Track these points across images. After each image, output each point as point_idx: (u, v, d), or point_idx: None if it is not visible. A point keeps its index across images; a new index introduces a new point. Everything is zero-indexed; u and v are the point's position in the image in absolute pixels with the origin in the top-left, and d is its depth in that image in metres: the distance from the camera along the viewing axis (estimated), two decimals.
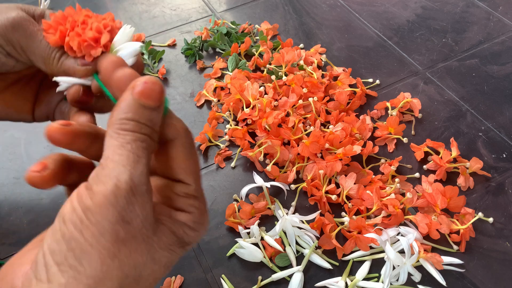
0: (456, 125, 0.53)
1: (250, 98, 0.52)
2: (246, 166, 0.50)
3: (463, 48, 0.63)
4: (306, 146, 0.47)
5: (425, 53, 0.62)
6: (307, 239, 0.43)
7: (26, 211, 0.47)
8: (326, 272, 0.42)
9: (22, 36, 0.32)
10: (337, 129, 0.49)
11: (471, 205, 0.46)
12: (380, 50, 0.63)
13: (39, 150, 0.52)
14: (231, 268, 0.42)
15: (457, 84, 0.58)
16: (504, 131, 0.52)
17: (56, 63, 0.33)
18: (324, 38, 0.65)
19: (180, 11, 0.72)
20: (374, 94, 0.57)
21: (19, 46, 0.33)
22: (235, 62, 0.59)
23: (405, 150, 0.51)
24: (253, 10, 0.71)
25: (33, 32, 0.32)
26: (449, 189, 0.43)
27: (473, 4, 0.70)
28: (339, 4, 0.71)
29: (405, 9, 0.70)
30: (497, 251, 0.43)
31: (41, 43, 0.32)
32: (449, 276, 0.41)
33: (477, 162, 0.47)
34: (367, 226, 0.42)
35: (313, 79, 0.54)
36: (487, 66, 0.60)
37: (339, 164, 0.46)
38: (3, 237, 0.45)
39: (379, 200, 0.43)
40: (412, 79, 0.59)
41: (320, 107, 0.52)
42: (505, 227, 0.44)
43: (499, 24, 0.66)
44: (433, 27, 0.66)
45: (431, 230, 0.43)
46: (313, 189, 0.45)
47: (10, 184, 0.49)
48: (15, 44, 0.32)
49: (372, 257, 0.42)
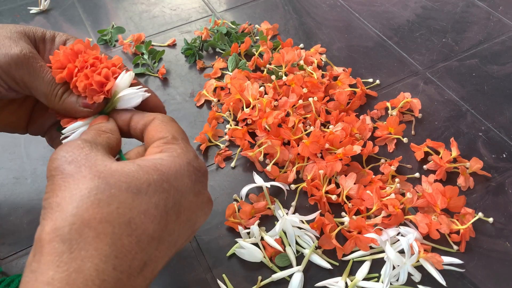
0: (456, 125, 0.53)
1: (250, 98, 0.52)
2: (246, 166, 0.50)
3: (463, 48, 0.63)
4: (306, 146, 0.47)
5: (425, 53, 0.62)
6: (307, 239, 0.43)
7: (26, 211, 0.47)
8: (326, 272, 0.42)
9: (26, 73, 0.33)
10: (337, 129, 0.49)
11: (471, 205, 0.46)
12: (380, 50, 0.63)
13: (39, 150, 0.52)
14: (231, 268, 0.42)
15: (457, 84, 0.58)
16: (504, 131, 0.52)
17: (58, 100, 0.34)
18: (324, 38, 0.65)
19: (180, 11, 0.72)
20: (374, 94, 0.57)
21: (22, 82, 0.33)
22: (235, 62, 0.59)
23: (405, 150, 0.51)
24: (253, 10, 0.71)
25: (37, 69, 0.33)
26: (449, 189, 0.43)
27: (473, 4, 0.70)
28: (339, 4, 0.71)
29: (405, 9, 0.70)
30: (497, 251, 0.43)
31: (43, 80, 0.33)
32: (449, 276, 0.41)
33: (477, 162, 0.47)
34: (367, 226, 0.42)
35: (313, 79, 0.54)
36: (487, 66, 0.60)
37: (339, 164, 0.46)
38: (3, 237, 0.45)
39: (379, 200, 0.43)
40: (412, 79, 0.59)
41: (320, 107, 0.52)
42: (505, 227, 0.44)
43: (499, 24, 0.66)
44: (433, 27, 0.66)
45: (431, 230, 0.42)
46: (313, 189, 0.45)
47: (10, 184, 0.49)
48: (18, 80, 0.33)
49: (372, 257, 0.42)
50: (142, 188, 0.26)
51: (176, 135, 0.31)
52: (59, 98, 0.33)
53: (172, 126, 0.31)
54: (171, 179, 0.27)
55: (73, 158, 0.27)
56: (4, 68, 0.32)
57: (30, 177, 0.50)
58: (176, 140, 0.30)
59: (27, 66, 0.32)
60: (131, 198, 0.25)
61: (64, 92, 0.34)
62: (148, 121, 0.32)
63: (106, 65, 0.34)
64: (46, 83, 0.33)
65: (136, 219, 0.25)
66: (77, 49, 0.34)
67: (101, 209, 0.25)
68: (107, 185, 0.25)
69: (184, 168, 0.28)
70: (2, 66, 0.32)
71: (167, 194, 0.27)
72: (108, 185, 0.25)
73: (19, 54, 0.32)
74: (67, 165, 0.26)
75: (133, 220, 0.25)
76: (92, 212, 0.24)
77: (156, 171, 0.27)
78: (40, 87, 0.33)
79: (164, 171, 0.27)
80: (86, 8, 0.74)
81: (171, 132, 0.31)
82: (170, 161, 0.28)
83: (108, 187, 0.25)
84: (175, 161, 0.28)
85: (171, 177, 0.27)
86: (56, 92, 0.33)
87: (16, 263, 0.43)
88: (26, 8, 0.73)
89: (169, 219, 0.27)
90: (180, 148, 0.30)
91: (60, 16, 0.72)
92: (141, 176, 0.26)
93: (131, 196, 0.25)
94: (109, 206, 0.25)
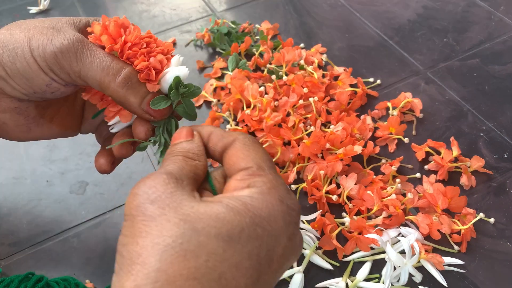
0: (457, 125, 0.53)
1: (250, 98, 0.52)
2: None
3: (464, 48, 0.63)
4: (306, 146, 0.47)
5: (426, 53, 0.62)
6: (308, 239, 0.42)
7: (26, 211, 0.47)
8: (326, 272, 0.42)
9: (74, 60, 0.30)
10: (337, 129, 0.49)
11: (472, 206, 0.46)
12: (381, 49, 0.63)
13: (38, 150, 0.52)
14: None
15: (458, 84, 0.58)
16: (506, 131, 0.52)
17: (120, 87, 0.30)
18: (325, 38, 0.65)
19: (180, 11, 0.72)
20: (375, 94, 0.56)
21: (73, 71, 0.30)
22: (235, 61, 0.59)
23: (406, 150, 0.51)
24: (254, 9, 0.71)
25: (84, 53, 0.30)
26: (450, 190, 0.43)
27: (474, 3, 0.70)
28: (340, 4, 0.71)
29: (406, 9, 0.70)
30: (498, 251, 0.42)
31: (93, 64, 0.30)
32: (450, 276, 0.41)
33: (478, 160, 0.47)
34: (367, 227, 0.42)
35: (313, 79, 0.54)
36: (489, 66, 0.60)
37: (340, 164, 0.46)
38: (2, 237, 0.45)
39: (380, 201, 0.43)
40: (413, 79, 0.59)
41: (321, 107, 0.52)
42: (506, 228, 0.44)
43: (501, 24, 0.66)
44: (434, 26, 0.66)
45: (432, 230, 0.42)
46: (313, 190, 0.45)
47: (9, 184, 0.49)
48: (69, 70, 0.30)
49: (373, 257, 0.42)
50: (234, 235, 0.22)
51: (263, 164, 0.26)
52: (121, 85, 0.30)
53: (256, 151, 0.27)
54: (263, 222, 0.23)
55: (156, 196, 0.23)
56: (51, 58, 0.30)
57: (29, 177, 0.50)
58: (263, 170, 0.26)
59: (74, 52, 0.30)
60: (222, 248, 0.22)
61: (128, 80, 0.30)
62: (228, 143, 0.28)
63: (162, 49, 0.31)
64: (98, 66, 0.30)
65: (227, 274, 0.22)
66: (122, 23, 0.31)
67: (187, 263, 0.21)
68: (195, 231, 0.22)
69: (277, 208, 0.24)
70: (49, 57, 0.30)
71: (260, 241, 0.23)
72: (195, 232, 0.22)
73: (63, 42, 0.30)
74: (150, 204, 0.23)
75: (224, 275, 0.22)
76: (178, 268, 0.21)
77: (248, 213, 0.23)
78: (91, 73, 0.30)
79: (256, 213, 0.23)
80: (85, 7, 0.73)
81: (255, 160, 0.26)
82: (260, 200, 0.24)
83: (196, 234, 0.22)
84: (266, 199, 0.24)
85: (263, 220, 0.23)
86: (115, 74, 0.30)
87: (15, 263, 0.43)
88: (26, 8, 0.73)
89: (262, 270, 0.23)
90: (270, 182, 0.25)
91: (60, 16, 0.72)
92: (232, 220, 0.23)
93: (222, 246, 0.22)
94: (197, 259, 0.21)
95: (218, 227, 0.22)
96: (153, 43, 0.31)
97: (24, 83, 0.31)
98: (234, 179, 0.26)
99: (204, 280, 0.21)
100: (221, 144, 0.28)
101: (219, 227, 0.22)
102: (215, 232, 0.22)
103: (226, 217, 0.23)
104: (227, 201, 0.24)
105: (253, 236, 0.23)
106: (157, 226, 0.22)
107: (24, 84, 0.31)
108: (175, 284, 0.21)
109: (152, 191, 0.24)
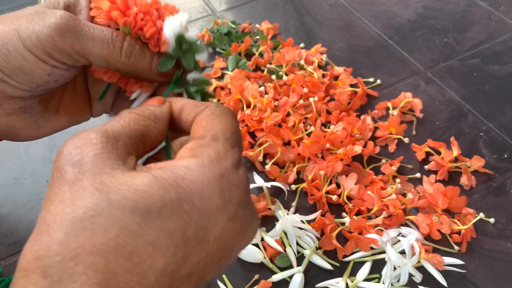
0: (458, 125, 0.53)
1: (250, 98, 0.52)
2: (246, 166, 0.50)
3: (464, 48, 0.63)
4: (306, 146, 0.47)
5: (426, 53, 0.62)
6: (308, 239, 0.42)
7: (26, 211, 0.47)
8: (326, 273, 0.42)
9: (74, 39, 0.27)
10: (337, 129, 0.49)
11: (472, 206, 0.46)
12: (381, 49, 0.63)
13: (38, 150, 0.52)
14: (231, 269, 0.42)
15: (459, 84, 0.58)
16: (506, 131, 0.52)
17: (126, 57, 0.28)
18: (325, 38, 0.65)
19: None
20: (375, 94, 0.56)
21: (74, 52, 0.28)
22: (235, 61, 0.59)
23: (406, 150, 0.51)
24: (254, 9, 0.71)
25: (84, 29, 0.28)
26: (450, 190, 0.43)
27: (474, 3, 0.70)
28: (340, 4, 0.71)
29: (406, 9, 0.70)
30: (498, 251, 0.42)
31: (96, 39, 0.28)
32: (450, 276, 0.41)
33: (478, 160, 0.47)
34: (367, 227, 0.42)
35: (313, 79, 0.54)
36: (489, 66, 0.60)
37: (340, 165, 0.46)
38: (2, 237, 0.45)
39: (380, 201, 0.43)
40: (413, 79, 0.59)
41: (321, 107, 0.52)
42: (506, 228, 0.44)
43: (501, 24, 0.66)
44: (434, 26, 0.66)
45: (432, 230, 0.42)
46: (313, 190, 0.45)
47: (9, 184, 0.49)
48: (69, 51, 0.28)
49: (373, 257, 0.42)
50: (152, 210, 0.20)
51: (219, 135, 0.23)
52: (127, 56, 0.28)
53: (221, 122, 0.24)
54: (193, 198, 0.21)
55: (79, 159, 0.21)
56: (47, 43, 0.27)
57: (29, 177, 0.50)
58: (216, 141, 0.23)
59: (72, 30, 0.27)
60: (136, 224, 0.20)
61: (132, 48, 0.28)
62: (199, 111, 0.26)
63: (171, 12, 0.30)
64: (101, 41, 0.28)
65: (140, 251, 0.20)
66: None
67: (94, 238, 0.19)
68: (108, 203, 0.20)
69: (214, 184, 0.21)
70: (45, 42, 0.27)
71: (187, 219, 0.21)
72: (109, 204, 0.20)
73: (56, 21, 0.27)
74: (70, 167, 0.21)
75: (137, 252, 0.20)
76: (83, 242, 0.19)
77: (175, 187, 0.21)
78: (95, 49, 0.28)
79: (186, 187, 0.21)
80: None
81: (214, 130, 0.24)
82: (197, 172, 0.21)
83: (109, 206, 0.20)
84: (203, 173, 0.21)
85: (193, 195, 0.21)
86: (120, 46, 0.28)
87: (15, 263, 0.43)
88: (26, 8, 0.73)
89: (190, 250, 0.21)
90: (215, 154, 0.22)
91: None
92: (153, 193, 0.20)
93: (138, 221, 0.20)
94: (105, 234, 0.19)
95: (135, 200, 0.20)
96: (162, 9, 0.30)
97: (24, 79, 0.29)
98: (185, 148, 0.24)
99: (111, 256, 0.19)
100: (193, 113, 0.26)
101: (136, 200, 0.20)
102: (131, 205, 0.20)
103: (148, 189, 0.20)
104: (157, 172, 0.21)
105: (178, 212, 0.20)
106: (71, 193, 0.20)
107: (24, 80, 0.29)
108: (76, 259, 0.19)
109: (77, 152, 0.21)
